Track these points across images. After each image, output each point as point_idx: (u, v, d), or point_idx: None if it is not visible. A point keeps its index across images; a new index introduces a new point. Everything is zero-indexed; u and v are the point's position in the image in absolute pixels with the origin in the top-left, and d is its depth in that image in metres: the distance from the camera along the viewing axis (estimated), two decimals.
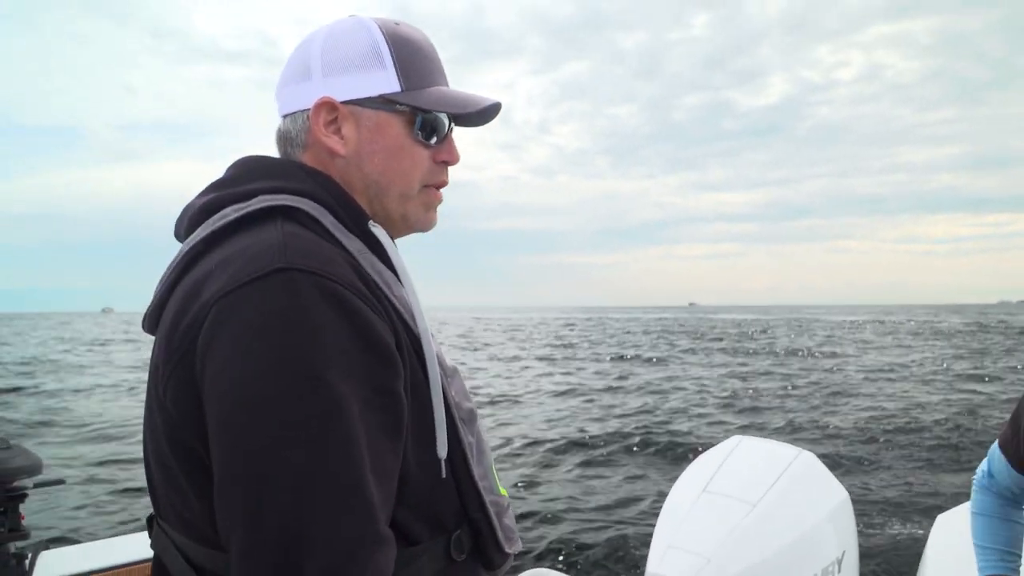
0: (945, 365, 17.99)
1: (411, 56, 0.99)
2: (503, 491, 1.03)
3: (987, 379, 15.71)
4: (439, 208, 1.07)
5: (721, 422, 10.37)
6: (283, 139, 1.02)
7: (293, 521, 0.72)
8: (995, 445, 1.76)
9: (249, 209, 0.89)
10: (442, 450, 0.89)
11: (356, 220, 0.95)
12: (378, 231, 0.95)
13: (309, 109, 0.97)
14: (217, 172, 1.01)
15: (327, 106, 0.97)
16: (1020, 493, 1.75)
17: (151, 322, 0.93)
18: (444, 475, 0.91)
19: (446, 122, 1.01)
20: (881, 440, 8.80)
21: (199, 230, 0.91)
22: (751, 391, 13.81)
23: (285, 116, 1.02)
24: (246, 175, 0.96)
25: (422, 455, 0.88)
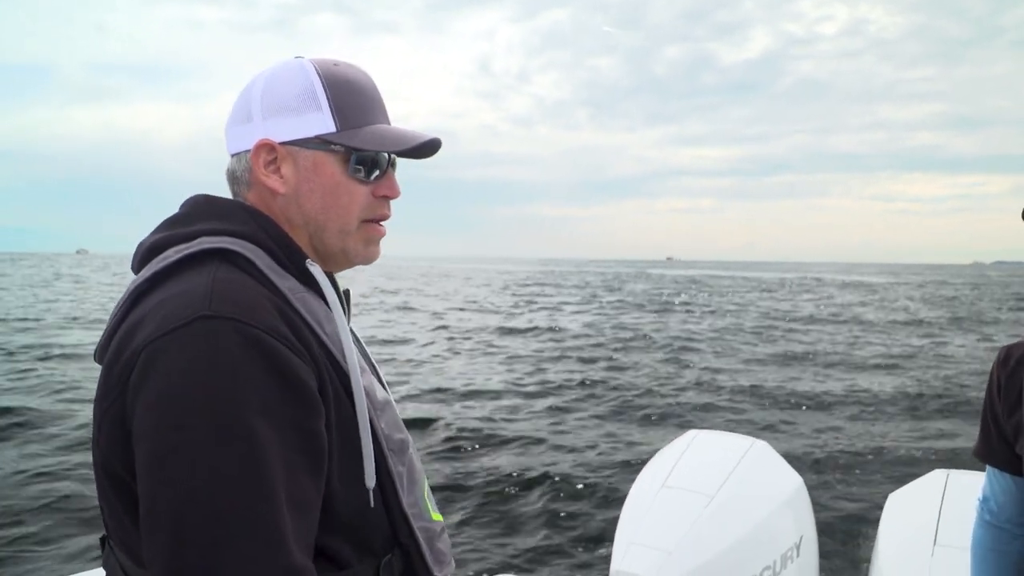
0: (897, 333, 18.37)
1: (347, 96, 1.04)
2: (436, 516, 1.09)
3: (938, 344, 15.96)
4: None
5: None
6: (231, 177, 1.08)
7: (209, 558, 0.77)
8: (987, 469, 1.62)
9: (188, 251, 0.94)
10: (369, 481, 0.95)
11: (293, 259, 1.00)
12: (314, 270, 1.00)
13: (250, 150, 1.02)
14: (191, 114, 1.08)
15: (266, 147, 1.02)
16: None
17: (100, 354, 0.97)
18: (372, 504, 0.97)
19: (385, 158, 1.06)
20: (832, 419, 9.00)
21: (145, 269, 0.96)
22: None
23: (232, 155, 1.07)
24: (193, 215, 1.02)
25: (350, 485, 0.94)
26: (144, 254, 1.00)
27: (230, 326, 0.84)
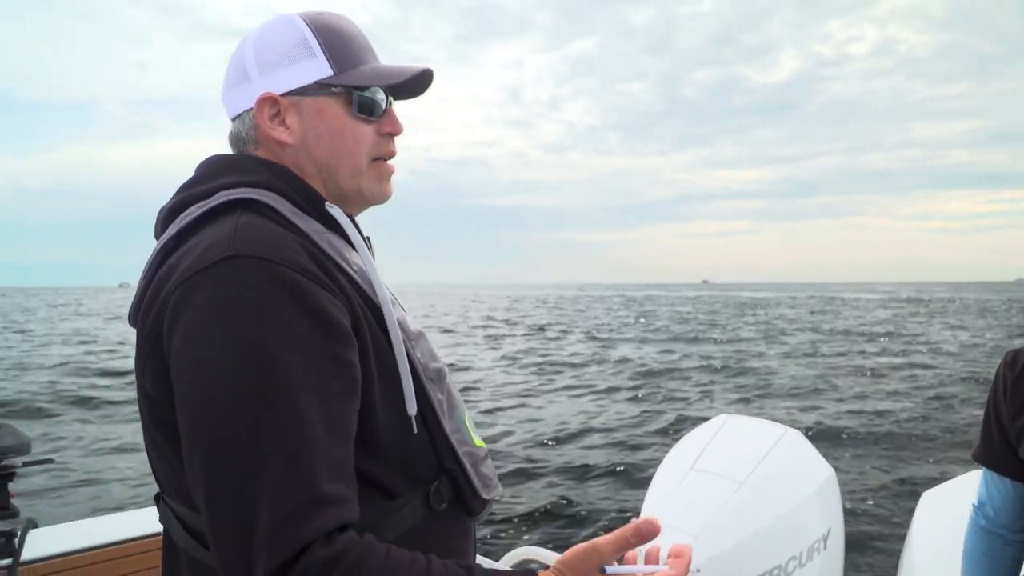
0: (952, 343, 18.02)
1: (338, 41, 1.06)
2: (479, 442, 1.11)
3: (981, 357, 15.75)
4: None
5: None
6: (235, 140, 1.10)
7: (240, 484, 0.80)
8: (982, 471, 1.59)
9: (210, 205, 0.97)
10: (411, 408, 0.97)
11: (312, 203, 1.03)
12: (335, 211, 1.02)
13: (253, 108, 1.05)
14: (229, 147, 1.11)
15: (268, 101, 1.04)
16: (1023, 523, 1.53)
17: (134, 316, 1.00)
18: (416, 431, 0.99)
19: (383, 96, 1.08)
20: (868, 417, 8.86)
21: (169, 229, 1.00)
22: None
23: (234, 119, 1.08)
24: (209, 174, 1.04)
25: (393, 415, 0.96)
26: (166, 216, 1.03)
27: (254, 263, 0.87)
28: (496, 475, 1.13)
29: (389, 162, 1.11)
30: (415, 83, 1.11)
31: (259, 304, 0.84)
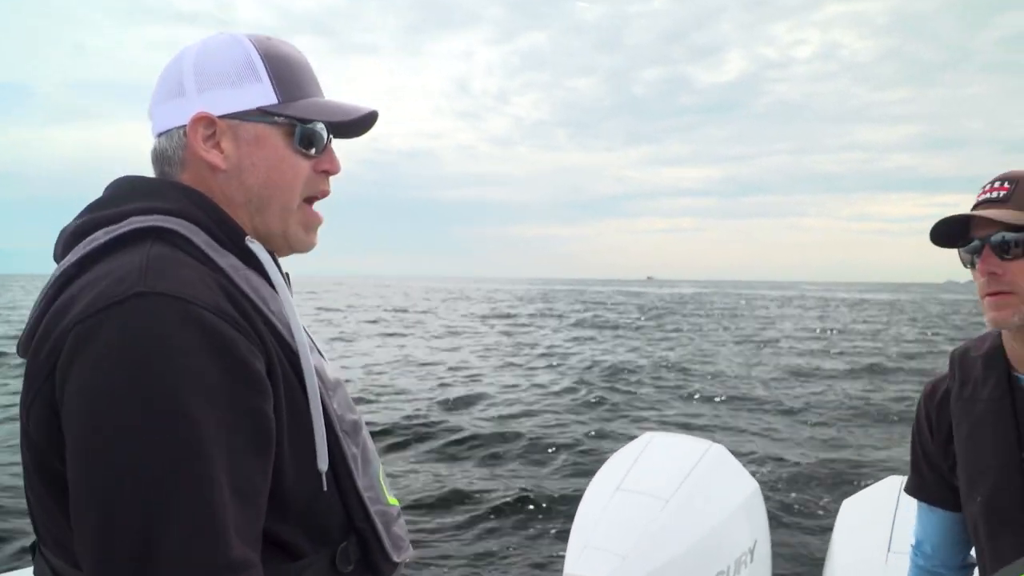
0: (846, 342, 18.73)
1: (285, 69, 1.00)
2: (392, 500, 1.05)
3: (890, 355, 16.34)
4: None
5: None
6: (159, 158, 1.00)
7: (142, 547, 0.72)
8: (917, 505, 1.56)
9: (119, 232, 0.88)
10: (322, 463, 0.91)
11: (231, 236, 0.95)
12: (255, 246, 0.95)
13: (185, 126, 0.96)
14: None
15: (204, 120, 0.96)
16: (961, 558, 1.51)
17: (24, 347, 0.90)
18: (326, 488, 0.92)
19: (325, 132, 1.03)
20: (788, 424, 9.10)
21: (71, 254, 0.90)
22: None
23: (160, 135, 1.00)
24: (120, 196, 0.95)
25: (302, 469, 0.89)
26: (68, 239, 0.93)
27: (168, 303, 0.79)
28: (408, 536, 1.07)
29: (318, 211, 1.05)
30: (360, 124, 1.06)
31: (170, 349, 0.76)
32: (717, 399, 10.70)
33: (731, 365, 14.75)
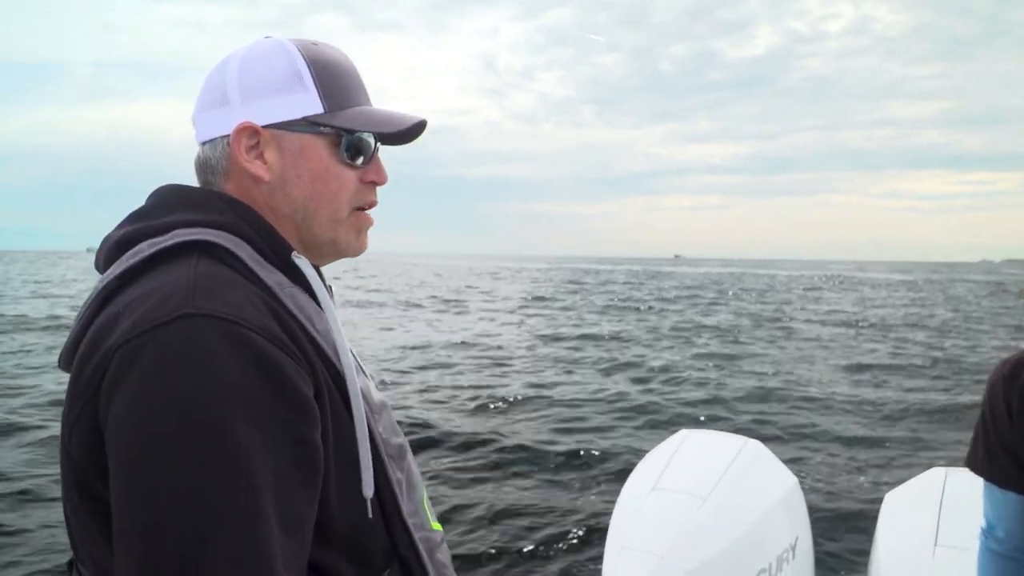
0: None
1: (332, 76, 0.98)
2: (436, 526, 1.03)
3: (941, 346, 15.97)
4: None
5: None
6: (203, 167, 0.99)
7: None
8: (985, 489, 1.47)
9: (164, 244, 0.87)
10: (368, 490, 0.89)
11: (278, 252, 0.93)
12: (301, 262, 0.93)
13: (229, 135, 0.95)
14: None
15: (248, 131, 0.94)
16: None
17: (66, 360, 0.89)
18: (371, 515, 0.90)
19: (372, 141, 1.00)
20: (827, 417, 8.95)
21: (114, 266, 0.88)
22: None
23: (204, 143, 0.99)
24: (164, 207, 0.94)
25: (347, 496, 0.87)
26: (111, 250, 0.92)
27: (216, 325, 0.77)
28: (451, 562, 1.05)
29: (370, 212, 1.03)
30: (408, 133, 1.02)
31: (217, 374, 0.74)
32: (752, 392, 10.57)
33: (765, 354, 14.57)
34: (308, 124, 0.95)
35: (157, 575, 0.71)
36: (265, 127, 0.94)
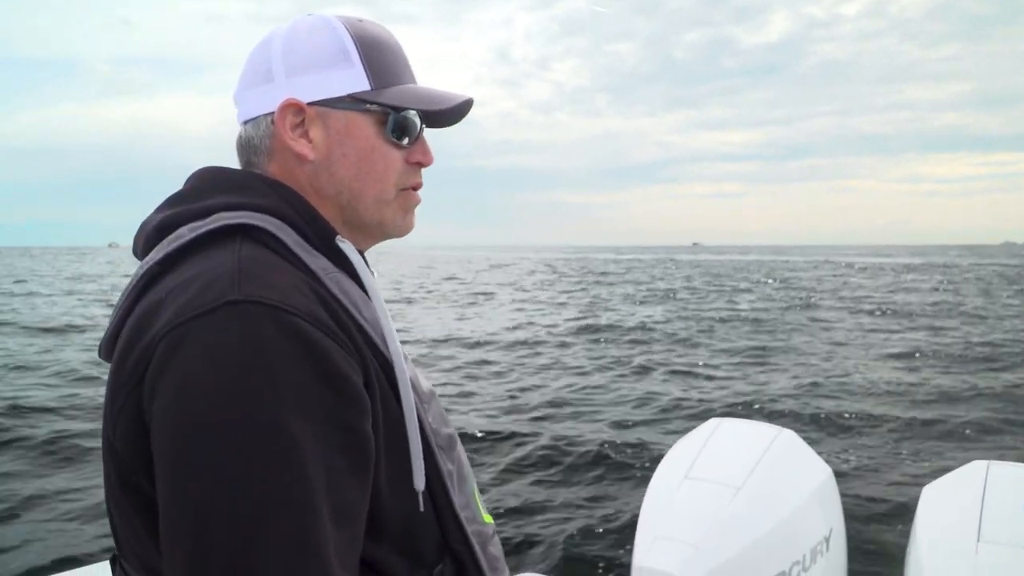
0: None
1: (378, 53, 0.95)
2: (487, 518, 1.00)
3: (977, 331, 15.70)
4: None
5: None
6: (245, 147, 0.97)
7: (238, 572, 0.68)
8: None
9: (206, 228, 0.85)
10: (419, 483, 0.86)
11: (322, 236, 0.91)
12: (346, 247, 0.91)
13: (273, 113, 0.93)
14: (214, 106, 1.19)
15: (293, 108, 0.92)
16: None
17: (107, 350, 0.88)
18: (422, 508, 0.88)
19: (418, 121, 0.97)
20: (861, 408, 8.82)
21: (155, 251, 0.86)
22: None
23: (246, 122, 0.97)
24: (204, 189, 0.92)
25: (398, 489, 0.85)
26: (151, 234, 0.90)
27: (263, 312, 0.74)
28: (503, 555, 1.02)
29: (417, 192, 1.00)
30: (455, 112, 1.00)
31: (265, 363, 0.72)
32: (785, 381, 10.44)
33: (797, 343, 14.39)
34: (354, 101, 0.93)
35: (205, 569, 0.69)
36: (310, 104, 0.92)
